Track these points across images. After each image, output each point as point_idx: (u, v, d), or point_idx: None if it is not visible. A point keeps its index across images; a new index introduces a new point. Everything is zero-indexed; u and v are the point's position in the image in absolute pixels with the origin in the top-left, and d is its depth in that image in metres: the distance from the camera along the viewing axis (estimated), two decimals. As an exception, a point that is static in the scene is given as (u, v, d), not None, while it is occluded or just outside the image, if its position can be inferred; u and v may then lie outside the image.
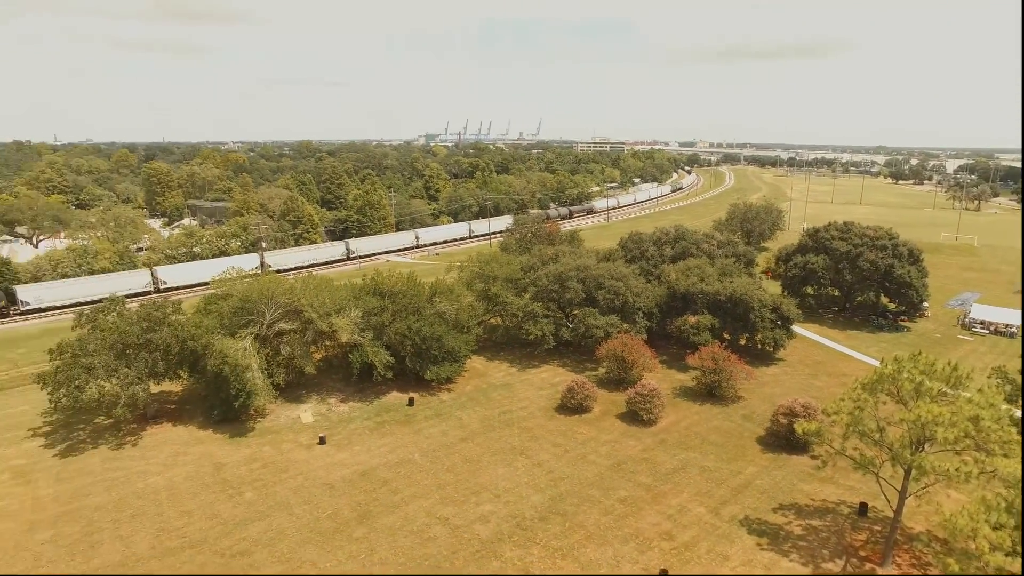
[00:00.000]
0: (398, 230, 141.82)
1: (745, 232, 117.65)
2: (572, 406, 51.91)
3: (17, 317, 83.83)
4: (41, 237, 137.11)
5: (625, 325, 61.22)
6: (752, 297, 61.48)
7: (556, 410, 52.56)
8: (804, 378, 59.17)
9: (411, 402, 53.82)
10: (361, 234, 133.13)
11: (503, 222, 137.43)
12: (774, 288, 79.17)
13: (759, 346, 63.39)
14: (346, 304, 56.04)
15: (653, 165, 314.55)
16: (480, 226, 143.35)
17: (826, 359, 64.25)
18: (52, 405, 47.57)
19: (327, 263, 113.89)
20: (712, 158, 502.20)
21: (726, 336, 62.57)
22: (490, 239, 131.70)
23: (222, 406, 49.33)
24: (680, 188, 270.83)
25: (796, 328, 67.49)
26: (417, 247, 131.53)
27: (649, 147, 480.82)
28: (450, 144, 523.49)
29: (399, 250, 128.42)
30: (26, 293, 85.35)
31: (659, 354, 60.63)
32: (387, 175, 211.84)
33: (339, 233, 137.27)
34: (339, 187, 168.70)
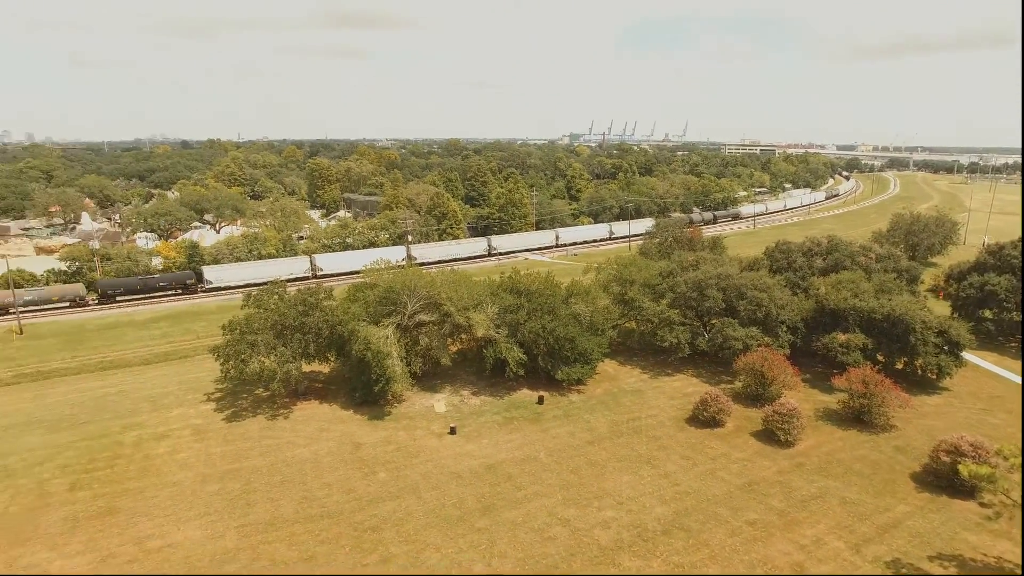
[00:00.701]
0: (538, 229, 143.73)
1: (910, 246, 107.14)
2: (704, 419, 50.07)
3: (202, 294, 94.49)
4: (222, 224, 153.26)
5: (766, 338, 58.04)
6: (914, 317, 55.94)
7: (687, 421, 50.94)
8: (975, 413, 52.92)
9: (541, 400, 54.45)
10: (502, 231, 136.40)
11: (643, 225, 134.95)
12: (942, 309, 71.45)
13: (919, 372, 57.47)
14: (483, 300, 57.75)
15: (807, 170, 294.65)
16: (620, 228, 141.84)
17: (1005, 394, 56.98)
18: (223, 375, 53.28)
19: (468, 258, 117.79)
20: (875, 163, 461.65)
21: (880, 358, 57.39)
22: (629, 242, 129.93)
23: (363, 389, 52.67)
24: (836, 195, 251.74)
25: (968, 356, 60.50)
26: (556, 246, 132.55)
27: (803, 150, 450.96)
28: (593, 144, 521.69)
29: (538, 248, 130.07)
30: (210, 273, 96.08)
31: (802, 372, 56.86)
32: (530, 174, 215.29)
33: (481, 229, 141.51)
34: (483, 185, 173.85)
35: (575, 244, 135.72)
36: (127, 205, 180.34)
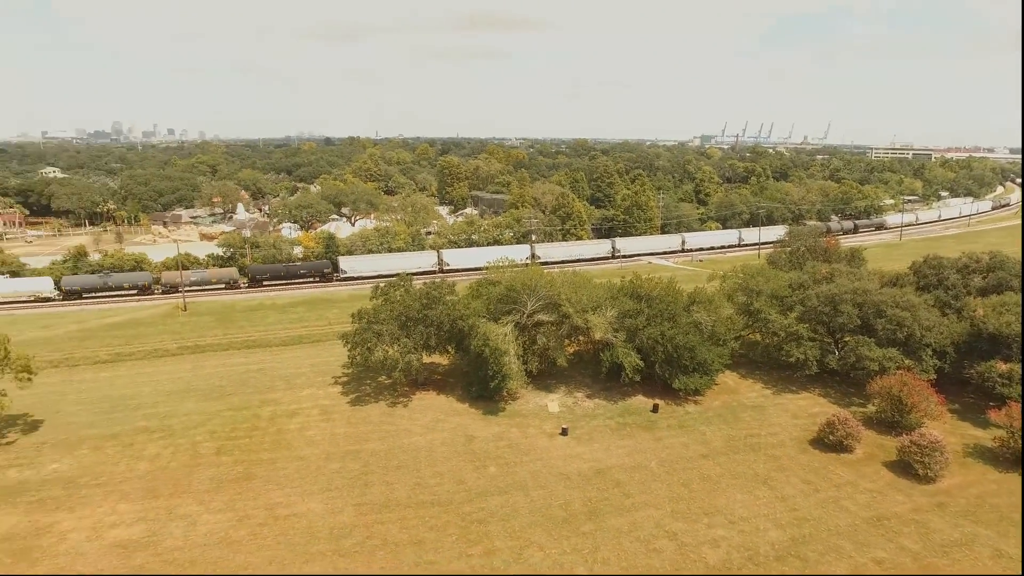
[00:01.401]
0: (663, 232, 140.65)
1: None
2: (830, 442, 46.91)
3: (336, 282, 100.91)
4: (357, 217, 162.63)
5: (908, 361, 53.34)
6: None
7: (811, 443, 47.97)
8: None
9: (655, 409, 53.40)
10: (626, 234, 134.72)
11: (775, 232, 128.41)
12: None
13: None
14: (603, 303, 57.46)
15: (969, 176, 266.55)
16: (750, 235, 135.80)
17: None
18: (350, 360, 56.71)
19: (591, 260, 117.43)
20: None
21: (1050, 394, 51.04)
22: (759, 249, 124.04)
23: (480, 384, 54.07)
24: (1005, 205, 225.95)
25: None
26: (682, 251, 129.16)
27: (967, 155, 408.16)
28: (726, 147, 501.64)
29: (662, 253, 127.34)
30: (344, 263, 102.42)
31: (948, 401, 51.80)
32: (657, 176, 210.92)
33: (605, 231, 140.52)
34: (609, 186, 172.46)
35: (701, 250, 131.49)
36: (275, 197, 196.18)
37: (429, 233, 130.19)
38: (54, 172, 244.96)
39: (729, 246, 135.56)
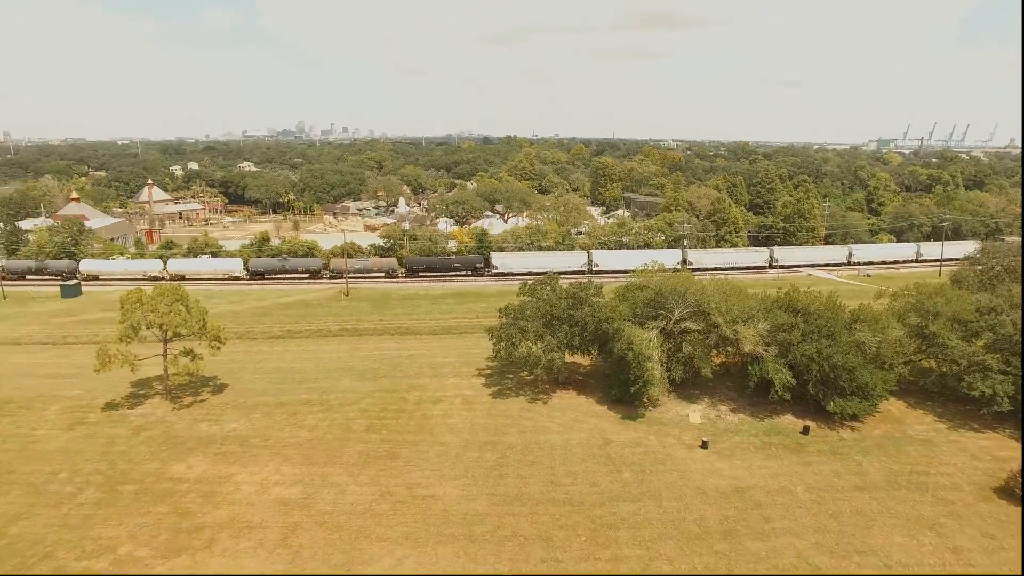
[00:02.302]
0: (826, 243, 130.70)
1: None
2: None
3: (488, 277, 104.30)
4: (510, 215, 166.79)
5: None
6: None
7: (996, 491, 42.35)
8: None
9: (806, 430, 49.91)
10: (785, 243, 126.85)
11: (962, 248, 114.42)
12: None
13: None
14: (755, 314, 54.66)
15: None
16: (930, 250, 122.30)
17: None
18: (494, 354, 58.47)
19: (745, 268, 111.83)
20: None
21: None
22: (940, 266, 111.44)
23: (620, 388, 53.51)
24: None
25: None
26: (848, 264, 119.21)
27: None
28: (907, 151, 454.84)
29: (825, 265, 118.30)
30: (496, 259, 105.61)
31: None
32: (824, 183, 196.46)
33: (762, 239, 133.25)
34: (769, 192, 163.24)
35: (870, 263, 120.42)
36: (434, 193, 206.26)
37: (579, 233, 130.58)
38: (249, 166, 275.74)
39: (904, 261, 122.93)
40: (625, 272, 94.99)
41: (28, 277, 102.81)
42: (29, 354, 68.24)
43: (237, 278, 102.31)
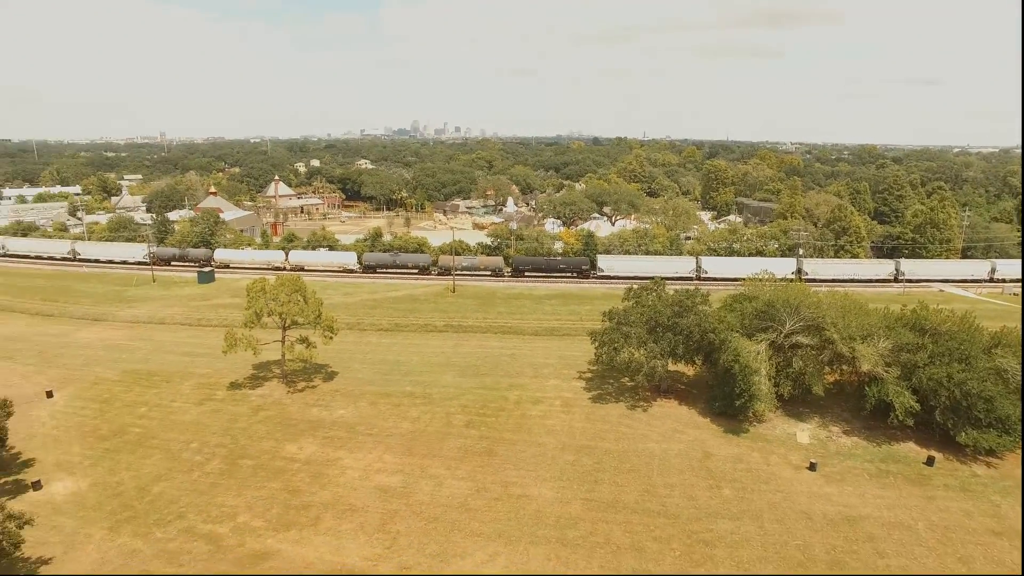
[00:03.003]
0: (964, 257, 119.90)
1: None
2: None
3: (593, 280, 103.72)
4: (617, 217, 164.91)
5: None
6: None
7: None
8: None
9: (930, 461, 46.08)
10: (914, 255, 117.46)
11: None
12: None
13: None
14: (875, 331, 51.23)
15: None
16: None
17: None
18: (596, 358, 58.02)
19: (866, 281, 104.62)
20: None
21: None
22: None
23: (724, 400, 51.69)
24: None
25: None
26: (990, 281, 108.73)
27: None
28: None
29: (961, 281, 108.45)
30: (602, 262, 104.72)
31: None
32: (964, 190, 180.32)
33: (887, 251, 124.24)
34: (898, 199, 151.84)
35: (1017, 281, 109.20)
36: (542, 193, 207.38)
37: (688, 238, 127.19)
38: (366, 164, 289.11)
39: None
40: (734, 280, 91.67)
41: (172, 263, 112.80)
42: (171, 332, 75.01)
43: (351, 271, 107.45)
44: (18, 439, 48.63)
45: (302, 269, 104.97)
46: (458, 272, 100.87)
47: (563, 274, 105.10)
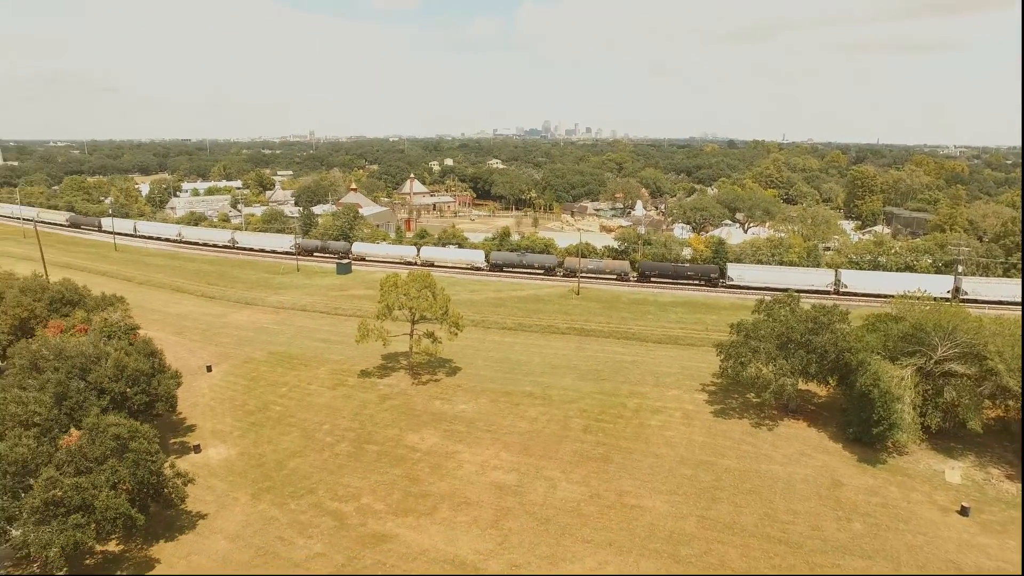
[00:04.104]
0: None
1: None
2: None
3: (722, 289, 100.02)
4: (750, 224, 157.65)
5: None
6: None
7: None
8: None
9: (1110, 516, 40.38)
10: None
11: None
12: None
13: None
14: (1050, 365, 45.51)
15: None
16: None
17: None
18: (720, 371, 56.00)
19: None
20: None
21: None
22: None
23: (859, 426, 48.06)
24: None
25: None
26: None
27: None
28: None
29: None
30: (732, 271, 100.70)
31: None
32: None
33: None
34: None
35: None
36: (672, 197, 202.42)
37: (827, 249, 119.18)
38: (497, 163, 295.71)
39: None
40: (878, 297, 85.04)
41: (315, 254, 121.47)
42: (311, 319, 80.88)
43: (478, 268, 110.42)
44: (184, 406, 54.60)
45: (432, 265, 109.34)
46: (583, 274, 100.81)
47: (690, 281, 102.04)
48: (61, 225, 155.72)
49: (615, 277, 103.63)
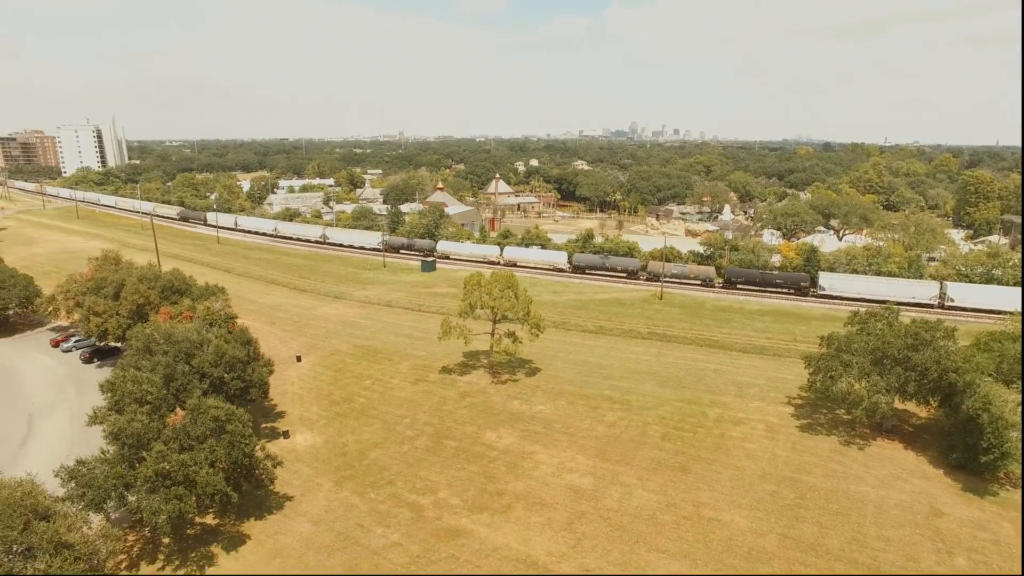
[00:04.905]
0: None
1: None
2: None
3: (812, 299, 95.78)
4: (846, 231, 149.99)
5: None
6: None
7: None
8: None
9: None
10: None
11: None
12: None
13: None
14: None
15: None
16: None
17: None
18: (808, 384, 53.66)
19: None
20: None
21: None
22: None
23: (964, 452, 44.83)
24: None
25: None
26: None
27: None
28: None
29: None
30: (824, 280, 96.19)
31: None
32: None
33: None
34: None
35: None
36: (762, 202, 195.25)
37: (932, 260, 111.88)
38: (582, 164, 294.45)
39: None
40: (991, 313, 79.26)
41: (401, 251, 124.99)
42: (395, 315, 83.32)
43: (560, 270, 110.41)
44: (275, 393, 57.54)
45: (515, 265, 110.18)
46: (667, 279, 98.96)
47: (778, 289, 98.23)
48: (172, 219, 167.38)
49: (700, 283, 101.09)
